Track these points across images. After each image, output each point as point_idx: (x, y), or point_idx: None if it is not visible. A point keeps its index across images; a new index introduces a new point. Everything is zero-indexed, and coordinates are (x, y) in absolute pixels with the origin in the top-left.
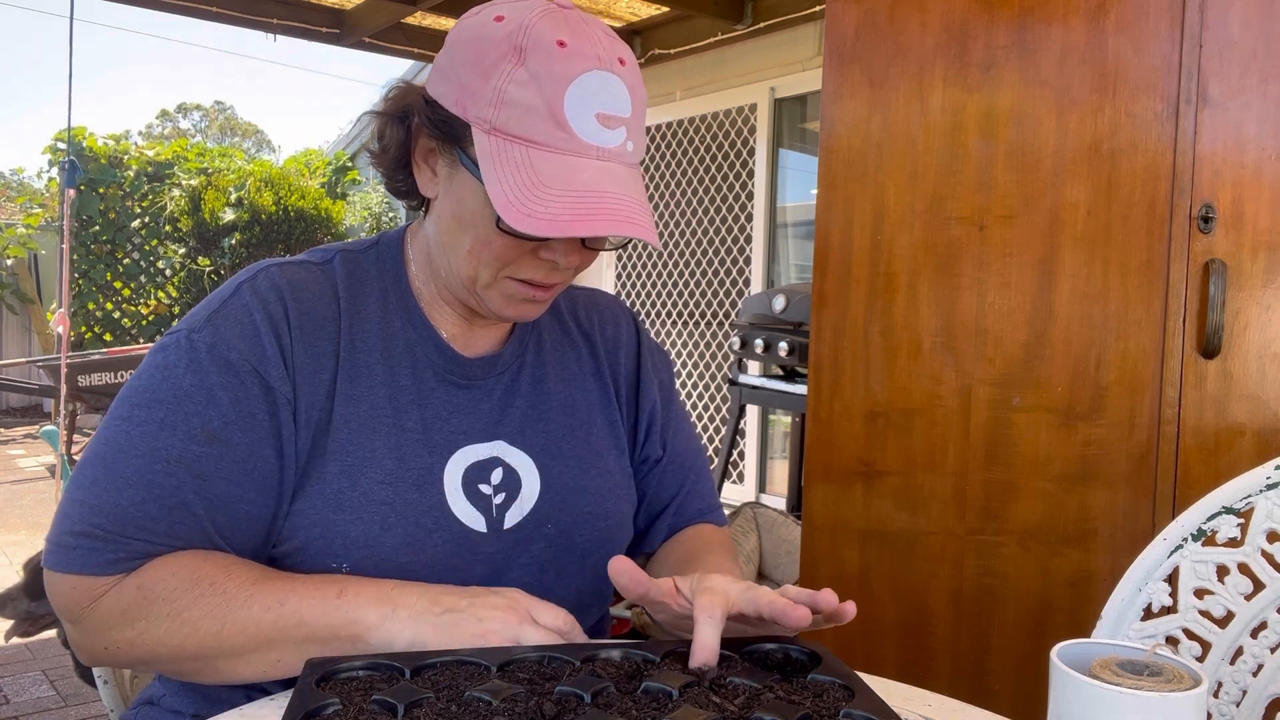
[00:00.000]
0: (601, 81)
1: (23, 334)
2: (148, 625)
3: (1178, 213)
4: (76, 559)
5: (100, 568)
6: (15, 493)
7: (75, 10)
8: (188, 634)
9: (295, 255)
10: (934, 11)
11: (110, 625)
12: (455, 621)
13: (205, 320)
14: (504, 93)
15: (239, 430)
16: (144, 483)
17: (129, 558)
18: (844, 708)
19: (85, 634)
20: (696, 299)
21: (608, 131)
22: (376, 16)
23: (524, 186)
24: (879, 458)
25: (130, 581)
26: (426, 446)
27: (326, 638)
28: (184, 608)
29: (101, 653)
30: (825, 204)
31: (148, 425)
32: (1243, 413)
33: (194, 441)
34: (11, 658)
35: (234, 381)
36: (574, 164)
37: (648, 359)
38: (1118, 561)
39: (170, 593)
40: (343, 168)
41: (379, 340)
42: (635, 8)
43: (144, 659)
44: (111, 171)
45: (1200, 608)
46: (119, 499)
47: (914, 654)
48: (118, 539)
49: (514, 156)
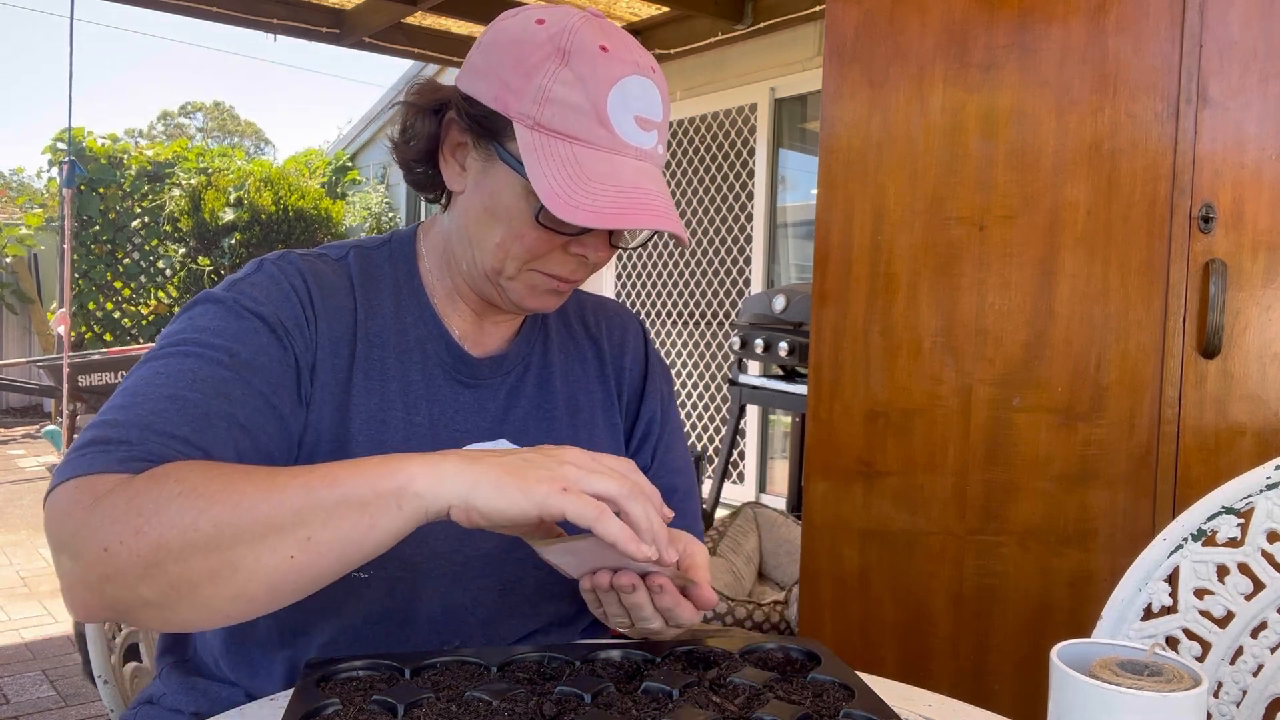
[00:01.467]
0: (640, 86)
1: (23, 334)
2: (156, 507)
3: (1178, 213)
4: (85, 462)
5: (109, 465)
6: (15, 493)
7: (75, 10)
8: (201, 509)
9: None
10: (934, 11)
11: (113, 518)
12: (529, 461)
13: (228, 285)
14: (548, 91)
15: (264, 369)
16: (167, 394)
17: (142, 456)
18: (844, 708)
19: (82, 543)
20: (696, 299)
21: (644, 134)
22: (376, 16)
23: (570, 180)
24: (879, 458)
25: (141, 475)
26: (434, 442)
27: (366, 496)
28: (199, 484)
29: (101, 560)
30: (825, 204)
31: (174, 357)
32: (1243, 413)
33: (221, 366)
34: (12, 658)
35: (263, 327)
36: (616, 162)
37: (654, 370)
38: (1118, 561)
39: (184, 473)
40: (343, 168)
41: (393, 335)
42: (635, 8)
43: (149, 555)
44: (111, 171)
45: (1200, 608)
46: (139, 410)
47: (914, 654)
48: (133, 442)
49: (558, 152)
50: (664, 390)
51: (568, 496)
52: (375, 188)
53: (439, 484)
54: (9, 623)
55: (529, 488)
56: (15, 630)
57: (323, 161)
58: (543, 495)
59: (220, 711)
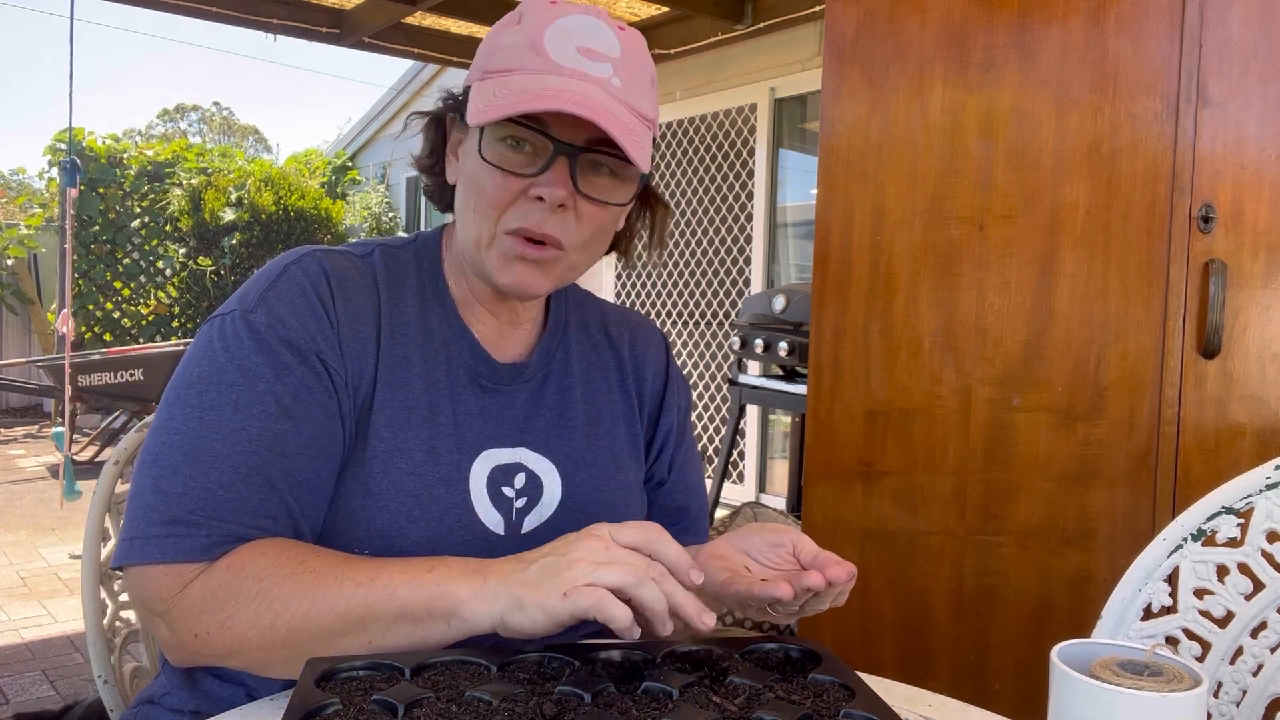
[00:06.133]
0: (585, 23)
1: (23, 334)
2: (237, 606)
3: (1178, 212)
4: (170, 547)
5: (193, 554)
6: (15, 493)
7: (75, 10)
8: (277, 612)
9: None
10: (934, 11)
11: (201, 609)
12: (544, 568)
13: (258, 300)
14: (496, 43)
15: (310, 406)
16: (230, 464)
17: (220, 541)
18: (844, 708)
19: (174, 624)
20: (696, 299)
21: (589, 61)
22: (376, 16)
23: (495, 96)
24: (879, 458)
25: (220, 564)
26: (456, 443)
27: (420, 614)
28: (273, 585)
29: (192, 641)
30: (825, 204)
31: (222, 408)
32: (1243, 413)
33: (271, 419)
34: (12, 658)
35: (298, 360)
36: (549, 79)
37: (674, 384)
38: (1118, 561)
39: (260, 570)
40: (343, 168)
41: (417, 334)
42: (635, 8)
43: (234, 645)
44: (112, 171)
45: (1200, 608)
46: (206, 482)
47: (914, 654)
48: (210, 522)
49: (493, 85)
50: (682, 405)
51: (567, 601)
52: (375, 188)
53: (481, 609)
54: (9, 623)
55: (544, 603)
56: (15, 630)
57: (323, 161)
58: (554, 608)
59: (220, 711)
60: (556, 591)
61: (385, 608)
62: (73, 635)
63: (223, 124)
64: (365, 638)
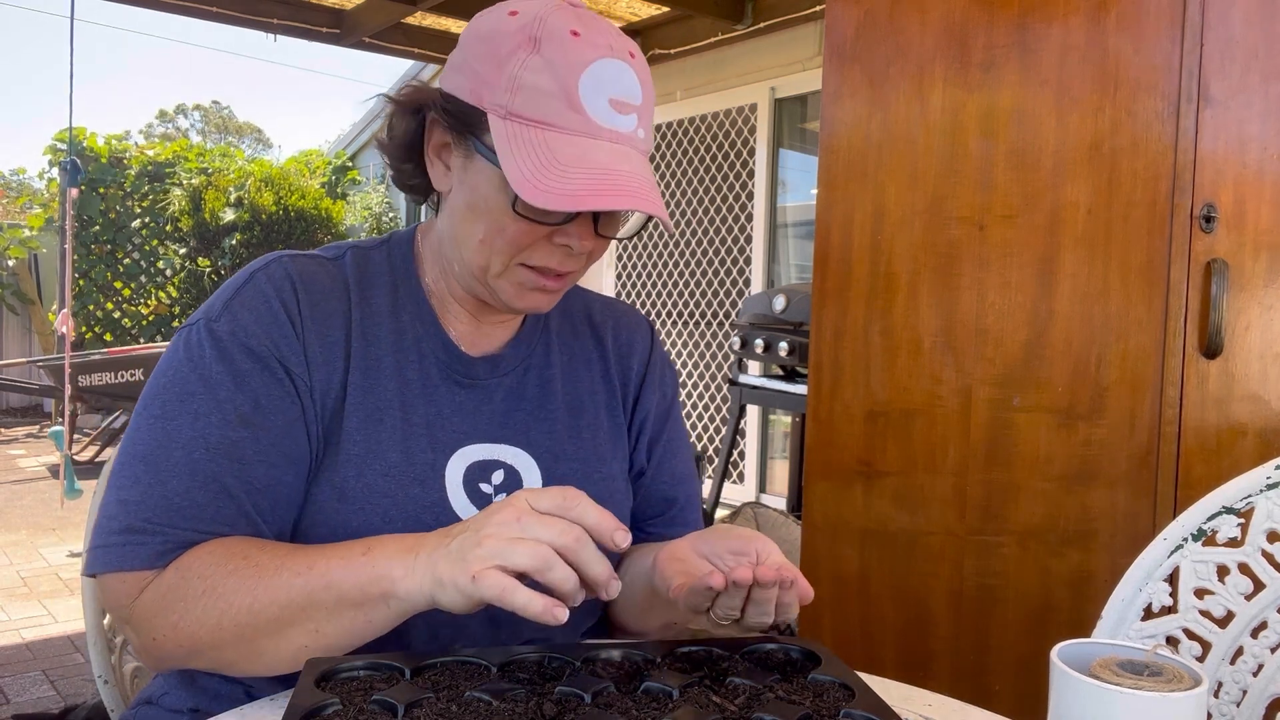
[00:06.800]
0: (614, 69)
1: (23, 334)
2: (186, 607)
3: (1179, 212)
4: (127, 555)
5: (148, 560)
6: (15, 493)
7: (75, 10)
8: (223, 610)
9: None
10: (934, 11)
11: (154, 613)
12: (461, 544)
13: (223, 308)
14: (519, 79)
15: (271, 414)
16: (187, 471)
17: (175, 548)
18: (844, 708)
19: (135, 629)
20: (696, 299)
21: (621, 116)
22: (376, 16)
23: (541, 166)
24: (879, 458)
25: (170, 568)
26: (430, 442)
27: (358, 598)
28: (217, 583)
29: (152, 645)
30: (825, 204)
31: (182, 418)
32: (1244, 413)
33: (229, 427)
34: (11, 658)
35: (259, 367)
36: (589, 145)
37: (655, 368)
38: (1118, 561)
39: (205, 569)
40: (343, 168)
41: (390, 335)
42: (635, 8)
43: (188, 645)
44: (112, 171)
45: (1200, 608)
46: (164, 490)
47: (914, 654)
48: (164, 530)
49: (530, 139)
50: (666, 391)
51: (476, 585)
52: (375, 188)
53: (413, 587)
54: (9, 623)
55: (457, 582)
56: (15, 630)
57: (323, 162)
58: (467, 590)
59: (220, 711)
60: (466, 573)
61: (324, 595)
62: (73, 635)
63: (221, 124)
64: (311, 626)
